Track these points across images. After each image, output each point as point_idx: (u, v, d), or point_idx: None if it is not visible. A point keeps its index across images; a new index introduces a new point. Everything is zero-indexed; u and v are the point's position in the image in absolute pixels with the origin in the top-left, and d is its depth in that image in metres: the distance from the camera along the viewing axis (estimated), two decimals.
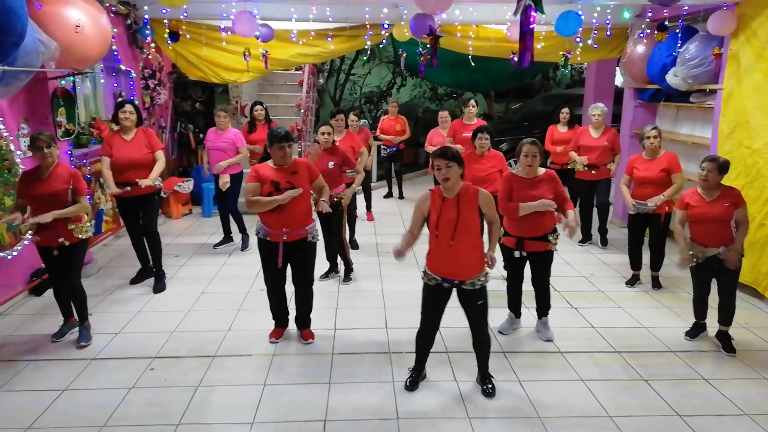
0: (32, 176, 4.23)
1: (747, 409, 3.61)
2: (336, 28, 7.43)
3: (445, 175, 3.39)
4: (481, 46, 7.51)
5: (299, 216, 4.19)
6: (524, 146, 4.25)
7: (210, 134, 6.70)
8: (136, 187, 5.29)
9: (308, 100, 10.59)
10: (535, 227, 4.30)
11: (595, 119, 6.66)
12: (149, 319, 4.88)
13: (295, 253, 4.27)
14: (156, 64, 7.75)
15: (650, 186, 5.44)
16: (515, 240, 4.37)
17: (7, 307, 5.00)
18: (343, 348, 4.38)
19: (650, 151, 5.47)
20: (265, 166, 4.19)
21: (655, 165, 5.40)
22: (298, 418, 3.48)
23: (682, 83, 6.35)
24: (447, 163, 3.38)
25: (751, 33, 5.44)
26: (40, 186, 4.18)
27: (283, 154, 4.09)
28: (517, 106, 14.12)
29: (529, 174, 4.30)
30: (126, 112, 5.32)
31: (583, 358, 4.27)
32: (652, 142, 5.42)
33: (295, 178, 4.14)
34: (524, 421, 3.48)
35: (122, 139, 5.35)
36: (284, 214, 4.11)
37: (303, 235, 4.24)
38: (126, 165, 5.29)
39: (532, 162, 4.23)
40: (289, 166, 4.17)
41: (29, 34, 3.99)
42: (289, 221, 4.15)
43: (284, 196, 4.05)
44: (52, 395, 3.70)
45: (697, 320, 4.64)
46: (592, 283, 5.81)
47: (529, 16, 4.36)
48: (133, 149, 5.32)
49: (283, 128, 4.20)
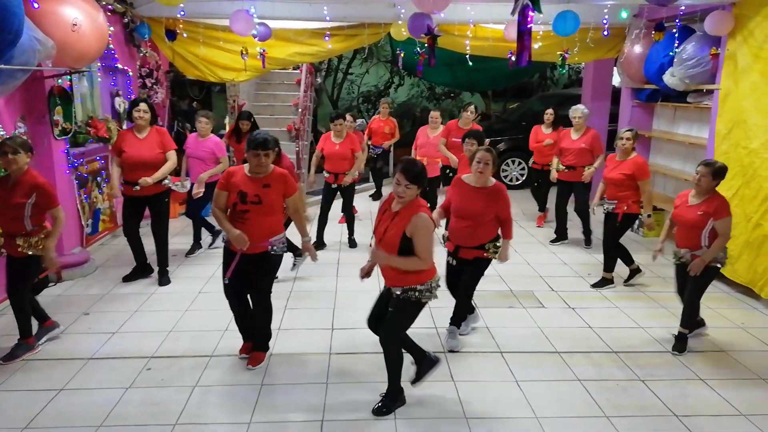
0: (1, 182, 4.03)
1: (743, 410, 3.62)
2: (333, 27, 7.42)
3: (401, 194, 3.24)
4: (479, 45, 7.51)
5: (263, 231, 3.87)
6: (478, 152, 4.07)
7: (190, 140, 6.37)
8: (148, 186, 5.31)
9: (306, 99, 10.58)
10: (469, 238, 4.15)
11: (576, 122, 6.64)
12: (146, 319, 4.87)
13: (252, 267, 3.92)
14: (153, 63, 7.73)
15: (612, 186, 5.47)
16: (453, 246, 4.27)
17: (3, 306, 4.98)
18: (340, 348, 4.38)
19: (621, 152, 5.46)
20: (239, 171, 3.88)
21: (621, 167, 5.41)
22: (295, 419, 3.47)
23: (680, 83, 6.36)
24: (407, 183, 3.20)
25: (748, 33, 5.45)
26: (2, 194, 3.98)
27: (257, 162, 3.75)
28: (515, 106, 14.13)
29: (477, 182, 4.12)
30: (140, 111, 5.30)
31: (579, 358, 4.27)
32: (624, 143, 5.40)
33: (266, 192, 3.81)
34: (521, 421, 3.48)
35: (135, 137, 5.33)
36: (247, 226, 3.81)
37: (264, 249, 3.90)
38: (137, 163, 5.27)
39: (484, 169, 4.02)
40: (264, 177, 3.84)
41: (26, 32, 3.97)
42: (252, 235, 3.82)
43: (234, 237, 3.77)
44: (49, 395, 3.69)
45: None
46: (589, 283, 5.82)
47: (526, 16, 4.37)
48: (145, 148, 5.31)
49: (265, 134, 3.84)
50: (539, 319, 4.91)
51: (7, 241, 4.09)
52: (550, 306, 5.23)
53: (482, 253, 4.19)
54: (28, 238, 4.05)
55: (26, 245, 4.04)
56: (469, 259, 4.22)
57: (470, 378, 3.95)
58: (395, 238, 3.28)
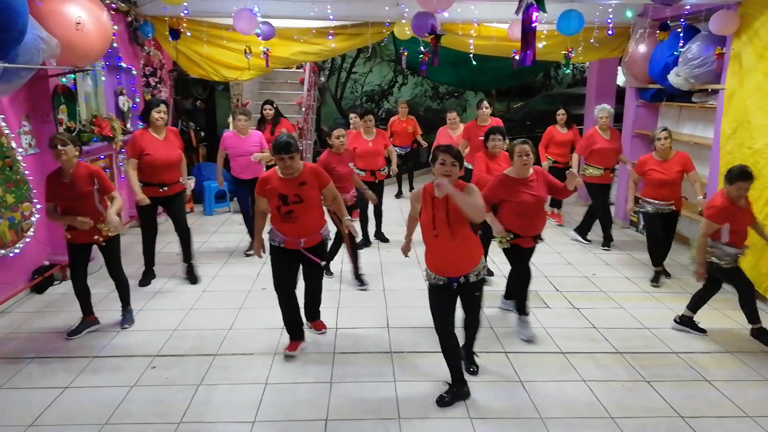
0: (56, 178, 4.25)
1: (749, 411, 3.61)
2: (337, 26, 7.42)
3: (448, 172, 3.36)
4: (483, 44, 7.49)
5: (314, 225, 4.11)
6: (517, 146, 4.25)
7: (230, 140, 6.33)
8: (171, 186, 5.41)
9: (309, 98, 10.58)
10: (532, 228, 4.38)
11: (603, 121, 6.63)
12: (151, 318, 4.88)
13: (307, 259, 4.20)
14: (157, 62, 7.73)
15: (669, 187, 5.54)
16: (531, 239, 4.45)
17: (9, 304, 5.00)
18: (344, 347, 4.38)
19: (662, 152, 5.53)
20: (272, 176, 4.00)
21: (671, 166, 5.52)
22: (299, 417, 3.47)
23: (684, 83, 6.34)
24: (452, 161, 3.35)
25: (754, 33, 5.43)
26: (64, 188, 4.22)
27: (283, 165, 3.90)
28: (519, 105, 14.12)
29: (522, 174, 4.30)
30: (161, 112, 5.35)
31: (584, 358, 4.26)
32: (663, 143, 5.52)
33: (304, 190, 3.97)
34: (525, 421, 3.47)
35: (155, 139, 5.36)
36: (298, 225, 4.01)
37: (320, 239, 4.19)
38: (162, 165, 5.33)
39: (527, 161, 4.23)
40: (297, 176, 3.97)
41: (30, 31, 3.98)
42: (305, 231, 4.06)
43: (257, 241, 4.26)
44: (54, 393, 3.70)
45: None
46: (594, 284, 5.81)
47: (531, 15, 4.35)
48: (168, 149, 5.37)
49: (286, 135, 3.96)
50: (544, 320, 4.90)
51: (80, 232, 4.29)
52: (555, 306, 5.22)
53: (536, 241, 4.48)
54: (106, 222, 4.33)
55: (107, 228, 4.36)
56: (530, 247, 4.48)
57: (474, 378, 3.94)
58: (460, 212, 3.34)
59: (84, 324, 4.55)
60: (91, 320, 4.59)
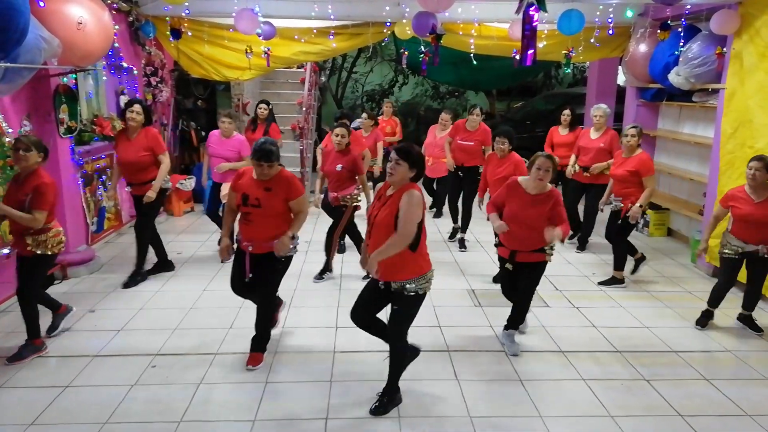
0: (14, 178, 4.13)
1: (749, 410, 3.61)
2: (338, 26, 7.42)
3: (391, 170, 3.29)
4: (484, 44, 7.49)
5: (267, 233, 3.90)
6: (538, 159, 4.01)
7: (213, 139, 6.30)
8: (136, 187, 5.41)
9: (310, 98, 10.58)
10: (528, 242, 4.10)
11: (597, 120, 6.55)
12: (151, 317, 4.88)
13: (259, 266, 4.01)
14: (158, 62, 7.74)
15: (617, 183, 5.52)
16: (509, 252, 4.21)
17: (9, 304, 5.00)
18: (344, 346, 4.38)
19: (627, 149, 5.48)
20: (248, 172, 3.97)
21: (626, 164, 5.44)
22: (299, 416, 3.48)
23: (685, 82, 6.34)
24: (397, 159, 3.28)
25: (755, 32, 5.43)
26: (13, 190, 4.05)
27: (260, 171, 3.82)
28: (519, 105, 14.12)
29: (535, 189, 4.07)
30: (133, 112, 5.29)
31: (584, 357, 4.27)
32: (629, 140, 5.44)
33: (267, 196, 3.84)
34: (525, 420, 3.48)
35: (127, 139, 5.38)
36: (251, 228, 3.92)
37: (269, 249, 3.92)
38: (125, 165, 5.41)
39: (544, 176, 3.99)
40: (267, 180, 3.87)
41: (31, 31, 3.99)
42: (256, 236, 3.92)
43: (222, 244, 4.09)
44: (55, 392, 3.70)
45: (710, 308, 4.78)
46: (594, 283, 5.81)
47: (531, 15, 4.36)
48: (132, 150, 5.34)
49: (268, 143, 3.82)
50: (544, 319, 4.90)
51: (16, 239, 4.13)
52: (555, 305, 5.22)
53: (543, 256, 4.14)
54: (36, 237, 4.06)
55: (34, 244, 4.06)
56: (529, 262, 4.17)
57: (474, 377, 3.95)
58: (389, 217, 3.29)
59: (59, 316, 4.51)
60: (63, 311, 4.52)
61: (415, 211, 3.25)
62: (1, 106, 4.92)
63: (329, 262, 5.85)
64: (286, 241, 3.91)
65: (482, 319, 4.90)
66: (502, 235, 4.22)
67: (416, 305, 3.46)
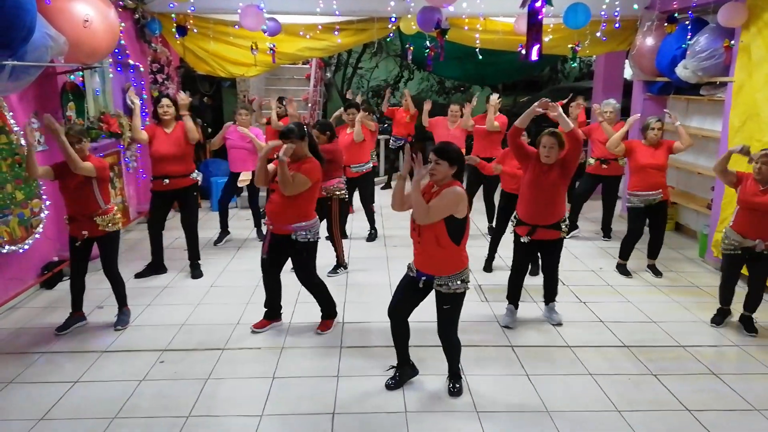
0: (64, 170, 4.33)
1: (756, 404, 3.60)
2: (343, 21, 7.42)
3: (432, 171, 3.33)
4: (489, 39, 7.46)
5: (285, 214, 4.17)
6: (543, 137, 4.31)
7: (231, 132, 6.60)
8: (174, 179, 5.46)
9: (315, 94, 10.59)
10: (549, 215, 4.37)
11: (607, 116, 6.57)
12: (159, 313, 4.91)
13: (287, 250, 4.32)
14: (164, 59, 7.76)
15: (657, 173, 5.55)
16: (528, 228, 4.44)
17: (19, 300, 5.05)
18: (351, 341, 4.40)
19: (654, 141, 5.59)
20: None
21: (658, 152, 5.55)
22: (306, 411, 3.50)
23: (692, 76, 6.30)
24: (436, 159, 3.33)
25: (763, 25, 5.38)
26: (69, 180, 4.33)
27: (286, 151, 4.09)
28: (525, 99, 14.04)
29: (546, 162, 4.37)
30: (163, 107, 5.44)
31: (591, 352, 4.26)
32: (656, 133, 5.54)
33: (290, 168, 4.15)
34: (532, 415, 3.48)
35: (164, 133, 5.48)
36: (272, 206, 4.21)
37: (288, 232, 4.21)
38: (165, 158, 5.43)
39: (549, 153, 4.28)
40: (295, 162, 4.18)
41: (38, 28, 4.00)
42: (275, 217, 4.21)
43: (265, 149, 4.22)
44: (64, 387, 3.74)
45: (722, 306, 4.73)
46: (601, 277, 5.80)
47: (537, 9, 4.34)
48: (172, 142, 5.43)
49: (293, 124, 4.22)
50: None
51: (86, 223, 4.34)
52: (562, 300, 5.19)
53: (558, 233, 4.46)
54: (104, 216, 4.39)
55: (105, 223, 4.39)
56: (547, 240, 4.47)
57: (481, 372, 3.95)
58: None
59: (72, 319, 4.56)
60: (78, 315, 4.61)
61: (448, 205, 3.27)
62: (9, 104, 4.95)
63: (341, 257, 5.88)
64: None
65: (489, 315, 4.89)
66: (521, 213, 4.48)
67: (461, 301, 3.56)
